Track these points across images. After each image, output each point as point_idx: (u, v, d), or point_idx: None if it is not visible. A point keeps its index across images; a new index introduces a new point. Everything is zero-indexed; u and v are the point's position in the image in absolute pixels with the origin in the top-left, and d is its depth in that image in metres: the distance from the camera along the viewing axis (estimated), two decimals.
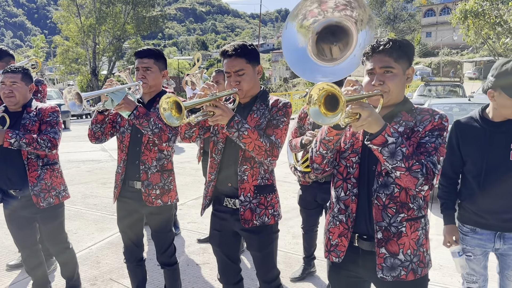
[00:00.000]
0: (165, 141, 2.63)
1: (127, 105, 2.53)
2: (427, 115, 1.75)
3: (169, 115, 1.93)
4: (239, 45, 2.25)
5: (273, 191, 2.37)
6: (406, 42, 1.78)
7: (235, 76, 2.24)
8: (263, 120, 2.28)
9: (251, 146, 2.13)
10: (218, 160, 2.35)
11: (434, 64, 46.76)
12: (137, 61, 2.76)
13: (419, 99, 13.52)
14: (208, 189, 2.41)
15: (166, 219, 2.85)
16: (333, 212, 1.88)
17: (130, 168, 2.77)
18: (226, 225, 2.41)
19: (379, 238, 1.73)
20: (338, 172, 1.87)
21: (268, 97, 2.37)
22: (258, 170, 2.30)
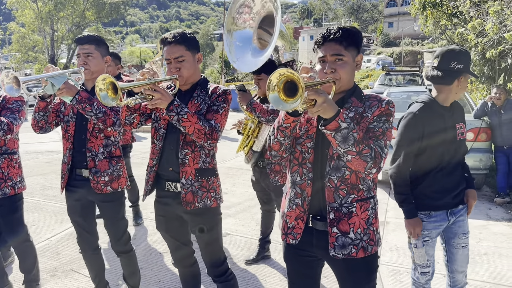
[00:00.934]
0: (110, 126, 2.62)
1: (68, 90, 2.50)
2: (375, 101, 1.83)
3: (105, 95, 1.96)
4: (179, 33, 2.30)
5: (215, 174, 2.45)
6: (355, 30, 1.84)
7: (175, 62, 2.29)
8: (203, 106, 2.35)
9: (190, 130, 2.19)
10: (159, 146, 2.40)
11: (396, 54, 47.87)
12: (78, 48, 2.74)
13: (380, 88, 13.85)
14: (150, 174, 2.44)
15: (117, 206, 2.82)
16: (290, 196, 1.93)
17: (77, 156, 2.73)
18: (170, 210, 2.46)
19: (331, 218, 1.81)
20: (294, 157, 1.93)
21: (208, 85, 2.43)
22: (199, 154, 2.36)
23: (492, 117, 5.76)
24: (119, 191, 2.79)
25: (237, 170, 7.54)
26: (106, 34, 35.73)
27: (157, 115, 2.43)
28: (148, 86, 2.08)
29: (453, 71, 2.37)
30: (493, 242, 4.37)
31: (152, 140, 2.45)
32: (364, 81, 29.73)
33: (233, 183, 6.85)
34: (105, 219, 2.85)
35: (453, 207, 2.48)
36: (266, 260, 3.92)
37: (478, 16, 8.02)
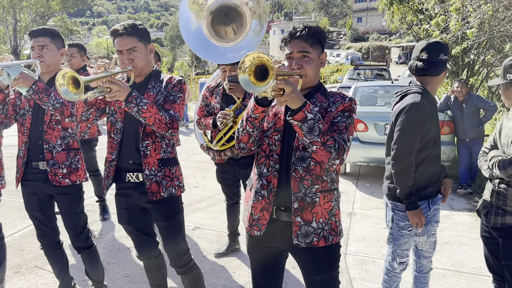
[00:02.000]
0: (68, 116, 2.58)
1: (25, 80, 2.45)
2: (338, 98, 1.90)
3: (66, 91, 1.93)
4: (129, 24, 2.29)
5: (176, 163, 2.49)
6: (319, 29, 1.91)
7: (127, 54, 2.27)
8: (160, 97, 2.36)
9: (151, 120, 2.19)
10: (118, 140, 2.39)
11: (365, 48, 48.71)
12: (32, 41, 2.68)
13: (348, 82, 14.08)
14: (110, 169, 2.41)
15: (75, 199, 2.77)
16: (256, 188, 1.95)
17: (33, 149, 2.67)
18: (132, 202, 2.45)
19: (296, 208, 1.85)
20: (261, 150, 1.96)
21: (162, 75, 2.46)
22: (160, 144, 2.38)
23: (455, 111, 5.97)
24: (77, 184, 2.75)
25: (207, 164, 7.52)
26: (72, 25, 34.67)
27: (111, 108, 2.42)
28: (106, 78, 2.06)
29: (442, 62, 2.47)
30: (454, 231, 4.55)
31: (109, 135, 2.43)
32: (334, 75, 30.12)
33: (203, 176, 6.83)
34: (63, 214, 2.78)
35: (434, 196, 2.56)
36: (235, 252, 3.95)
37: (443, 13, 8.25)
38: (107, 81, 2.07)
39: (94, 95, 2.07)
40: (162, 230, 2.49)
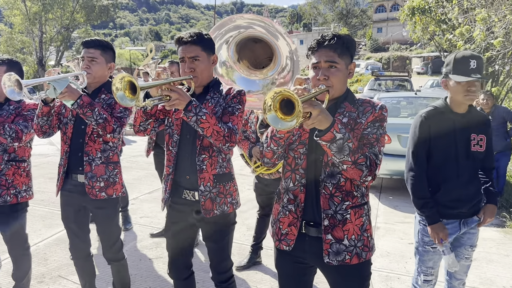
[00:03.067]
0: (110, 132, 2.58)
1: (70, 94, 2.44)
2: (368, 106, 1.83)
3: (122, 96, 1.86)
4: (195, 33, 2.24)
5: (231, 179, 2.40)
6: (349, 38, 1.85)
7: (189, 62, 2.23)
8: (218, 108, 2.28)
9: (209, 131, 2.10)
10: (174, 153, 2.33)
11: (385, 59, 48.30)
12: (83, 51, 2.70)
13: (369, 93, 13.97)
14: (167, 183, 2.36)
15: (111, 213, 2.78)
16: (283, 202, 1.92)
17: (73, 160, 2.69)
18: (183, 217, 2.39)
19: (326, 225, 1.80)
20: (287, 163, 1.92)
21: (221, 86, 2.37)
22: (216, 159, 2.30)
23: None
24: (113, 198, 2.75)
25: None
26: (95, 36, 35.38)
27: (170, 120, 2.36)
28: (165, 86, 2.01)
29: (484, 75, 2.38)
30: (482, 248, 4.41)
31: (167, 147, 2.37)
32: (353, 85, 29.91)
33: None
34: (98, 225, 2.81)
35: (467, 217, 2.46)
36: (257, 266, 3.90)
37: (466, 22, 8.12)
38: (167, 89, 2.01)
39: (153, 103, 2.03)
40: (210, 249, 2.44)
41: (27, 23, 30.10)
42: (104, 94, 2.73)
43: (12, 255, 3.02)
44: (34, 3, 30.17)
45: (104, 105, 2.69)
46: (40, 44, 31.14)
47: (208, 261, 2.49)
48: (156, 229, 4.72)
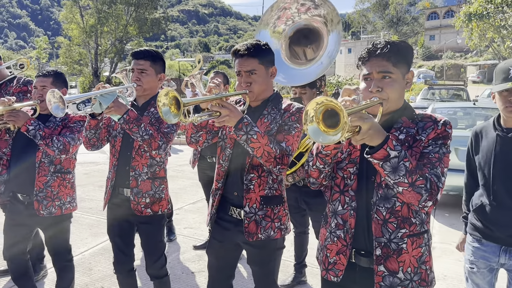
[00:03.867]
0: (155, 149, 2.50)
1: (117, 108, 2.39)
2: (429, 122, 1.63)
3: (167, 111, 1.79)
4: (252, 44, 2.10)
5: (281, 202, 2.20)
6: (405, 44, 1.66)
7: (246, 76, 2.11)
8: (273, 126, 2.12)
9: (259, 152, 1.96)
10: (225, 167, 2.21)
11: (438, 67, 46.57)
12: (133, 62, 2.65)
13: (422, 103, 13.38)
14: (215, 197, 2.25)
15: (156, 229, 2.72)
16: (330, 227, 1.75)
17: (120, 174, 2.65)
18: (228, 236, 2.25)
19: (378, 255, 1.61)
20: (334, 184, 1.75)
21: (281, 101, 2.21)
22: (266, 179, 2.14)
23: None
24: (159, 214, 2.69)
25: None
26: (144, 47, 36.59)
27: (223, 133, 2.26)
28: (216, 101, 1.90)
29: None
30: None
31: (218, 161, 2.28)
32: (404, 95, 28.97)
33: None
34: (142, 240, 2.77)
35: (509, 245, 2.21)
36: (302, 285, 3.71)
37: None
38: (217, 104, 1.90)
39: (200, 119, 1.92)
40: (254, 273, 2.31)
41: (84, 36, 31.74)
42: (154, 107, 2.67)
43: (56, 266, 3.02)
44: (91, 17, 31.77)
45: (152, 119, 2.63)
46: (96, 56, 32.68)
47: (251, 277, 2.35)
48: (199, 241, 4.65)
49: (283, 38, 2.95)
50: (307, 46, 2.97)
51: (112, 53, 33.65)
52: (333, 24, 2.88)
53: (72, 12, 32.42)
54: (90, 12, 32.35)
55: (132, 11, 32.83)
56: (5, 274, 3.73)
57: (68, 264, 3.06)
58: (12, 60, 4.01)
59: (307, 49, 2.98)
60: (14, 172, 2.86)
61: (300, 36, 2.96)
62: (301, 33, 2.97)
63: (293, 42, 2.99)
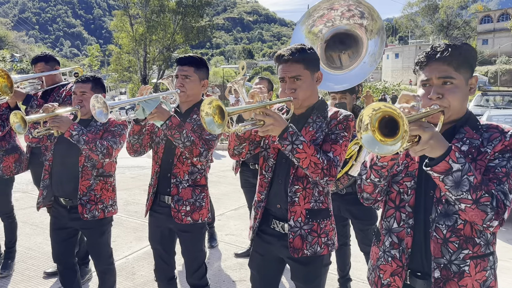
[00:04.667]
0: (196, 156, 2.47)
1: (160, 114, 2.38)
2: (496, 133, 1.47)
3: (211, 121, 1.73)
4: (297, 49, 1.99)
5: (328, 216, 2.08)
6: (467, 47, 1.52)
7: (290, 82, 1.99)
8: (319, 134, 2.01)
9: (305, 163, 1.85)
10: (268, 178, 2.11)
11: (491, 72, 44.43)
12: (177, 68, 2.64)
13: (476, 110, 12.73)
14: (258, 210, 2.14)
15: (196, 238, 2.68)
16: (384, 245, 1.62)
17: (162, 181, 2.65)
18: (271, 250, 2.15)
19: (437, 278, 1.47)
20: (389, 199, 1.63)
21: (327, 108, 2.09)
22: (311, 191, 2.01)
23: None
24: (199, 223, 2.65)
25: None
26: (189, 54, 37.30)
27: (266, 142, 2.17)
28: (259, 110, 1.82)
29: None
30: None
31: (260, 171, 2.18)
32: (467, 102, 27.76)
33: None
34: (182, 248, 2.74)
35: None
36: None
37: None
38: (261, 113, 1.82)
39: (244, 129, 1.84)
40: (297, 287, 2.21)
41: (133, 44, 32.85)
42: (196, 114, 2.65)
43: (98, 269, 3.06)
44: (140, 26, 32.88)
45: (194, 125, 2.61)
46: (144, 63, 33.74)
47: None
48: (241, 249, 4.59)
49: (319, 41, 2.86)
50: (342, 52, 2.87)
51: (160, 60, 34.62)
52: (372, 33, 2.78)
53: (122, 21, 33.68)
54: (139, 21, 33.48)
55: (179, 19, 33.66)
56: (52, 275, 3.84)
57: (109, 268, 3.09)
58: (68, 67, 4.15)
59: (343, 55, 2.88)
60: (57, 177, 2.92)
61: (336, 41, 2.86)
62: (337, 38, 2.87)
63: (329, 46, 2.90)
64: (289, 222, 2.01)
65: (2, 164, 3.75)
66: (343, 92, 2.96)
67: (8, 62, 29.99)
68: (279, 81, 2.05)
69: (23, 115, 2.65)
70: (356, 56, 2.79)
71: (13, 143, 3.88)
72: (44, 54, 3.81)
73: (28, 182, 7.33)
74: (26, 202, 6.47)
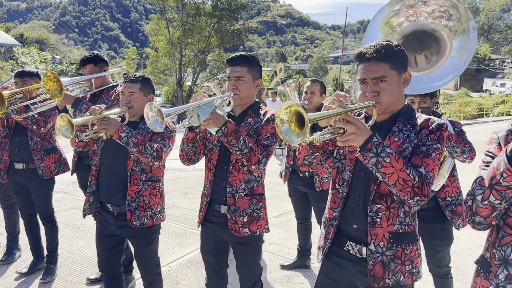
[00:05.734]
0: (255, 164, 2.28)
1: (215, 120, 2.20)
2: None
3: (287, 130, 1.53)
4: (382, 45, 1.72)
5: (414, 241, 1.82)
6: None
7: (373, 85, 1.73)
8: (407, 145, 1.74)
9: (392, 179, 1.60)
10: (343, 194, 1.87)
11: None
12: (228, 69, 2.46)
13: None
14: (329, 228, 1.91)
15: (253, 251, 2.50)
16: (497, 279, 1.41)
17: (217, 190, 2.47)
18: (344, 275, 1.89)
19: None
20: (505, 223, 1.38)
21: (415, 115, 1.82)
22: (396, 211, 1.75)
23: None
24: (257, 235, 2.46)
25: None
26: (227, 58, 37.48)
27: (340, 152, 1.91)
28: (339, 116, 1.61)
29: None
30: None
31: (333, 185, 1.94)
32: (498, 107, 26.62)
33: None
34: (237, 262, 2.56)
35: None
36: None
37: None
38: (341, 119, 1.61)
39: (322, 138, 1.62)
40: None
41: (169, 47, 33.32)
42: (251, 117, 2.47)
43: (145, 280, 2.92)
44: (176, 30, 33.32)
45: (250, 130, 2.43)
46: (180, 66, 34.16)
47: None
48: (287, 260, 4.38)
49: (396, 35, 2.58)
50: (418, 52, 2.60)
51: (194, 63, 34.96)
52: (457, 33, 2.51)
53: (159, 24, 34.23)
54: (175, 24, 33.93)
55: (214, 22, 33.88)
56: (95, 282, 3.74)
57: (157, 278, 2.94)
58: (117, 68, 4.06)
59: (419, 56, 2.61)
60: (104, 182, 2.79)
61: (414, 38, 2.59)
62: (415, 36, 2.60)
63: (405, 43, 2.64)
64: (369, 246, 1.76)
65: (42, 164, 3.67)
66: (424, 95, 2.69)
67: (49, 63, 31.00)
68: (359, 82, 1.81)
69: (70, 118, 2.53)
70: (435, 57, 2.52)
71: (53, 143, 3.81)
72: (93, 55, 3.70)
73: (69, 183, 7.39)
74: (67, 203, 6.49)
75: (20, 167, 3.69)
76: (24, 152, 3.67)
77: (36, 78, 3.68)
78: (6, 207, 4.25)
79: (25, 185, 3.76)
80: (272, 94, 13.48)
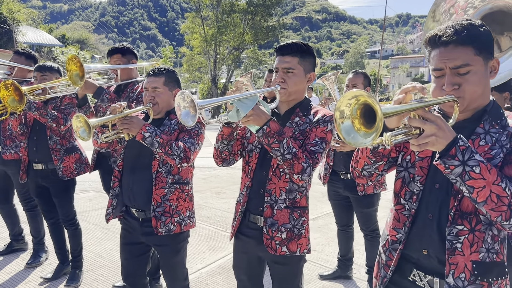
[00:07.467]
0: (297, 173, 1.92)
1: (257, 117, 1.86)
2: None
3: (349, 128, 1.20)
4: (463, 25, 1.36)
5: (503, 274, 1.45)
6: None
7: (453, 75, 1.37)
8: (497, 151, 1.37)
9: (483, 195, 1.27)
10: (411, 211, 1.52)
11: None
12: (277, 59, 2.10)
13: None
14: (393, 254, 1.57)
15: (293, 272, 2.16)
16: None
17: (253, 197, 2.14)
18: None
19: None
20: None
21: (503, 114, 1.45)
22: (483, 235, 1.40)
23: None
24: (297, 256, 2.11)
25: None
26: (261, 55, 37.25)
27: (407, 159, 1.57)
28: (415, 113, 1.27)
29: None
30: None
31: (397, 199, 1.60)
32: None
33: None
34: (274, 283, 2.24)
35: None
36: None
37: None
38: (418, 117, 1.27)
39: (394, 140, 1.25)
40: None
41: (204, 45, 33.43)
42: (299, 117, 2.11)
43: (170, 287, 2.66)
44: (211, 27, 33.38)
45: (296, 131, 2.08)
46: (214, 63, 34.23)
47: None
48: (325, 269, 4.04)
49: None
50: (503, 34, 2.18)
51: (229, 60, 34.93)
52: None
53: (194, 22, 34.40)
54: (210, 22, 33.99)
55: (249, 19, 33.67)
56: None
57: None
58: (145, 62, 3.83)
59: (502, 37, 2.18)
60: (127, 184, 2.55)
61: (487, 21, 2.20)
62: (488, 18, 2.20)
63: None
64: (446, 279, 1.40)
65: (62, 164, 3.49)
66: None
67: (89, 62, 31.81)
68: (433, 75, 1.43)
69: (86, 119, 2.29)
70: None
71: (73, 142, 3.62)
72: (121, 46, 3.48)
73: None
74: (99, 202, 6.38)
75: (39, 168, 3.52)
76: (43, 152, 3.50)
77: (56, 74, 3.50)
78: (28, 209, 4.12)
79: (45, 187, 3.59)
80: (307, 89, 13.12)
